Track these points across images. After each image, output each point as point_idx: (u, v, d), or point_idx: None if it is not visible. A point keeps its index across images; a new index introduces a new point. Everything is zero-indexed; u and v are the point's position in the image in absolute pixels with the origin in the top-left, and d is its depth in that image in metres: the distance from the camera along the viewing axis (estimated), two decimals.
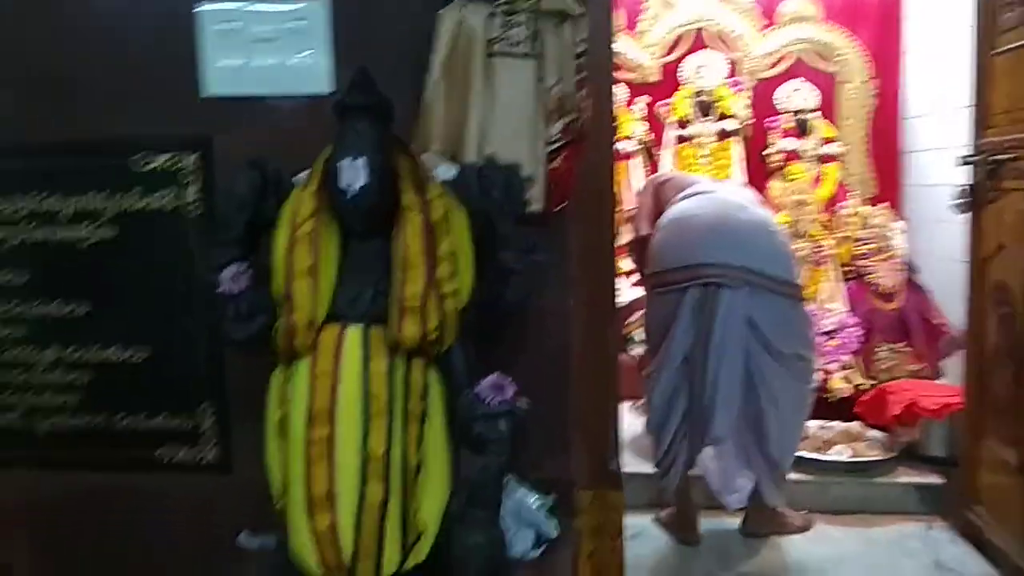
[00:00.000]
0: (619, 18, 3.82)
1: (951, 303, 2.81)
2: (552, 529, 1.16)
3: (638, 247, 2.52)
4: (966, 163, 2.31)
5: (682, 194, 2.40)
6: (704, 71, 3.70)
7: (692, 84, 3.71)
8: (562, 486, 1.76)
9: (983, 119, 2.27)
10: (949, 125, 2.88)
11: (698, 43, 3.77)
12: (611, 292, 2.06)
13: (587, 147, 1.67)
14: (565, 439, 1.77)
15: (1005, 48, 2.14)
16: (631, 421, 2.70)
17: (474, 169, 1.17)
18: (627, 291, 3.09)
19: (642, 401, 2.48)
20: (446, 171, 1.15)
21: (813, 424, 2.76)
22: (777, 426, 2.19)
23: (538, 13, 1.57)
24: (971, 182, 2.30)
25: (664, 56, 3.78)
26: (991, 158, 2.17)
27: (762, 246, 2.22)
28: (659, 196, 2.48)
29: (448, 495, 0.99)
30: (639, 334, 3.28)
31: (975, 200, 2.30)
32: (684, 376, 2.20)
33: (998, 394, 2.19)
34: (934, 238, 3.19)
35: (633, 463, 2.70)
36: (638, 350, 3.32)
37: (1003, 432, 2.16)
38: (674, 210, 2.33)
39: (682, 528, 2.43)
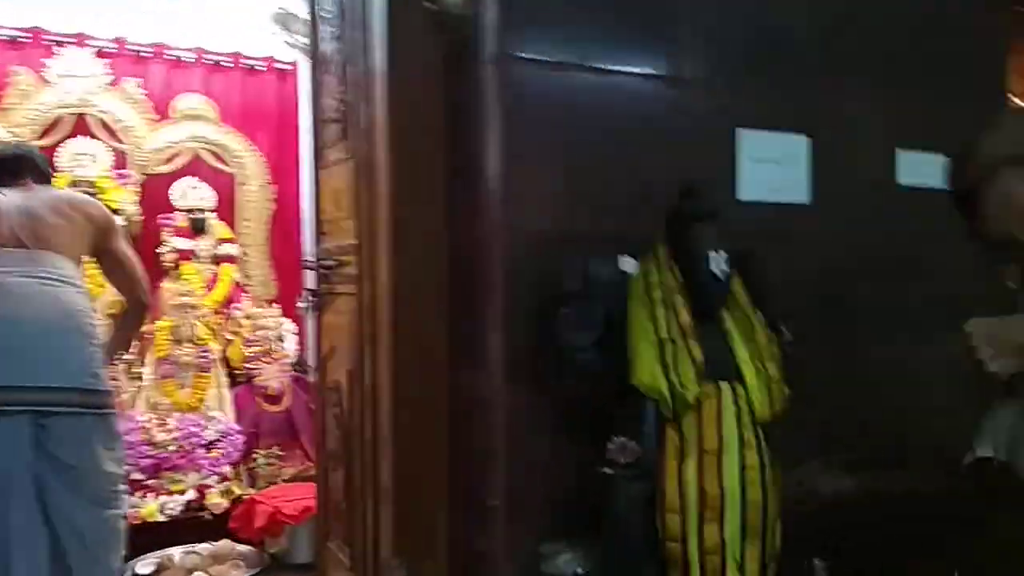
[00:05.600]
0: None
1: None
2: None
3: None
4: (305, 268, 2.39)
5: None
6: (85, 159, 3.34)
7: (70, 172, 3.32)
8: None
9: (319, 228, 2.38)
10: None
11: (79, 129, 3.41)
12: None
13: None
14: None
15: (329, 163, 2.28)
16: None
17: None
18: None
19: None
20: None
21: (177, 550, 2.51)
22: (86, 564, 1.90)
23: None
24: (314, 287, 2.37)
25: (37, 139, 3.32)
26: (324, 263, 2.26)
27: (46, 353, 1.88)
28: None
29: None
30: None
31: (319, 304, 2.38)
32: None
33: (335, 495, 2.23)
34: None
35: None
36: None
37: (340, 532, 2.19)
38: None
39: None
